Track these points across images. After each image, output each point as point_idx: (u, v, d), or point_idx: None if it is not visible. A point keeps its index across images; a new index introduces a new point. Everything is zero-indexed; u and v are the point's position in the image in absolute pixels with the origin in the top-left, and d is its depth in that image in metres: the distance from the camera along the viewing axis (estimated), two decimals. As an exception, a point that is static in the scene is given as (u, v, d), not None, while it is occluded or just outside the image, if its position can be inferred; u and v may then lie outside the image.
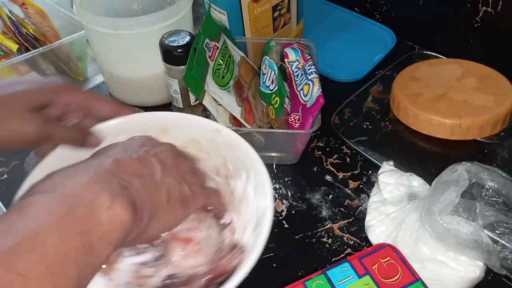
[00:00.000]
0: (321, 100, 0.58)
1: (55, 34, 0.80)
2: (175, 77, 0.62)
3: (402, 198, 0.55)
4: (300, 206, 0.60)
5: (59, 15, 0.82)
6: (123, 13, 0.77)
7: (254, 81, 0.68)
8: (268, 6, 0.72)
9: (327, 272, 0.45)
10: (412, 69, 0.73)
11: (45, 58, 0.77)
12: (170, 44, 0.60)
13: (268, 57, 0.66)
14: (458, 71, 0.70)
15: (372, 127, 0.70)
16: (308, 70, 0.64)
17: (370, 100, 0.74)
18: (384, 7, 0.87)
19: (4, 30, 0.83)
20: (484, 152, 0.64)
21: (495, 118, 0.63)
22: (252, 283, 0.39)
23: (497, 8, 0.71)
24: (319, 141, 0.69)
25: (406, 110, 0.67)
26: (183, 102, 0.65)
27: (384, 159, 0.61)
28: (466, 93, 0.66)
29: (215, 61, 0.61)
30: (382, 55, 0.81)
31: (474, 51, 0.77)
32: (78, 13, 0.69)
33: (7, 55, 0.79)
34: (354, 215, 0.59)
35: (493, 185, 0.51)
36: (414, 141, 0.67)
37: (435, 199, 0.49)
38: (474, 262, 0.48)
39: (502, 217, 0.48)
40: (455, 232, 0.47)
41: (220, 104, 0.61)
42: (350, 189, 0.62)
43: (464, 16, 0.76)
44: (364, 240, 0.56)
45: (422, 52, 0.81)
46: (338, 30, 0.88)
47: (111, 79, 0.76)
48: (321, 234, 0.57)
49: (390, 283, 0.43)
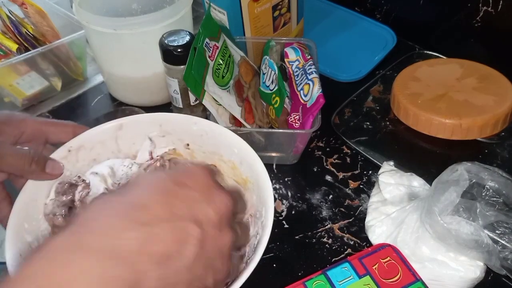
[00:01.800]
0: (321, 100, 0.58)
1: (55, 34, 0.80)
2: (175, 77, 0.62)
3: (403, 198, 0.55)
4: (300, 206, 0.60)
5: (59, 15, 0.82)
6: (123, 13, 0.77)
7: (254, 81, 0.68)
8: (268, 6, 0.72)
9: (327, 272, 0.44)
10: (412, 69, 0.73)
11: (45, 58, 0.77)
12: (170, 44, 0.60)
13: (268, 57, 0.66)
14: (458, 71, 0.70)
15: (372, 127, 0.69)
16: (308, 70, 0.64)
17: (370, 100, 0.74)
18: (384, 7, 0.87)
19: (3, 30, 0.82)
20: (485, 152, 0.64)
21: (495, 118, 0.63)
22: (252, 283, 0.39)
23: (497, 8, 0.71)
24: (319, 141, 0.69)
25: (406, 110, 0.67)
26: (183, 102, 0.65)
27: (384, 159, 0.61)
28: (466, 93, 0.66)
29: (215, 61, 0.61)
30: (382, 55, 0.81)
31: (474, 51, 0.77)
32: (77, 13, 0.69)
33: (6, 55, 0.79)
34: (354, 215, 0.59)
35: (494, 185, 0.51)
36: (414, 141, 0.67)
37: (436, 199, 0.49)
38: (474, 262, 0.48)
39: (503, 217, 0.48)
40: (455, 232, 0.47)
41: (220, 104, 0.61)
42: (350, 189, 0.62)
43: (464, 16, 0.76)
44: (364, 240, 0.56)
45: (422, 52, 0.81)
46: (338, 30, 0.88)
47: (111, 79, 0.76)
48: (321, 234, 0.57)
49: (391, 283, 0.43)
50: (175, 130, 0.53)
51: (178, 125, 0.53)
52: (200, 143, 0.53)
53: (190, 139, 0.53)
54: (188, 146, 0.53)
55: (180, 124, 0.52)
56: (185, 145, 0.54)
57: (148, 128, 0.53)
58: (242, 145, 0.49)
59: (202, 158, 0.53)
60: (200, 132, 0.52)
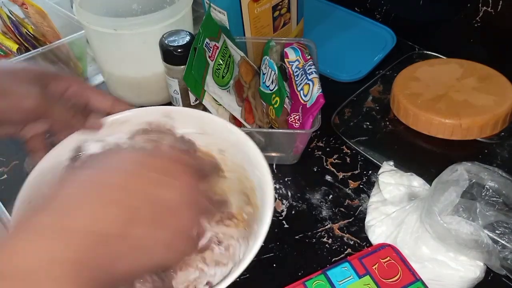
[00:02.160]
0: (321, 100, 0.58)
1: (55, 34, 0.80)
2: (175, 77, 0.62)
3: (402, 198, 0.55)
4: (300, 206, 0.60)
5: (59, 15, 0.82)
6: (123, 13, 0.77)
7: (254, 81, 0.68)
8: (268, 6, 0.72)
9: (327, 272, 0.45)
10: (412, 69, 0.73)
11: (45, 58, 0.77)
12: (170, 44, 0.60)
13: (268, 57, 0.66)
14: (458, 71, 0.70)
15: (372, 127, 0.69)
16: (308, 70, 0.64)
17: (370, 100, 0.74)
18: (384, 7, 0.87)
19: (4, 30, 0.82)
20: (484, 152, 0.64)
21: (495, 118, 0.63)
22: (252, 283, 0.39)
23: (497, 8, 0.71)
24: (319, 141, 0.69)
25: (406, 110, 0.67)
26: (183, 102, 0.65)
27: (384, 159, 0.61)
28: (466, 93, 0.66)
29: (215, 61, 0.61)
30: (382, 55, 0.81)
31: (474, 51, 0.77)
32: (78, 13, 0.69)
33: (7, 55, 0.79)
34: (354, 215, 0.59)
35: (493, 185, 0.51)
36: (414, 141, 0.67)
37: (435, 199, 0.49)
38: (474, 262, 0.48)
39: (502, 217, 0.48)
40: (455, 232, 0.47)
41: (220, 104, 0.61)
42: (350, 189, 0.62)
43: (464, 16, 0.76)
44: (364, 240, 0.56)
45: (422, 52, 0.81)
46: (338, 30, 0.88)
47: (111, 79, 0.76)
48: (321, 234, 0.57)
49: (390, 283, 0.43)
50: (214, 132, 0.51)
51: (217, 128, 0.51)
52: (232, 152, 0.51)
53: (225, 146, 0.51)
54: (222, 152, 0.52)
55: (219, 127, 0.51)
56: (219, 149, 0.52)
57: (190, 122, 0.52)
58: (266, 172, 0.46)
59: (231, 168, 0.51)
60: (235, 142, 0.50)
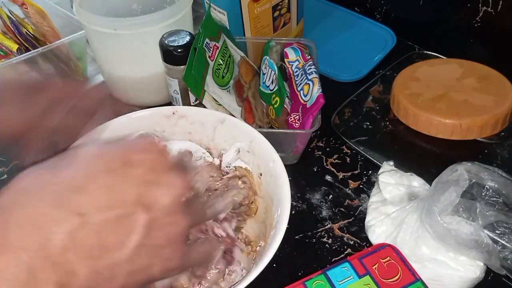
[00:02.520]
0: (321, 100, 0.58)
1: (55, 34, 0.80)
2: (175, 77, 0.62)
3: (402, 198, 0.55)
4: (300, 206, 0.60)
5: (59, 15, 0.82)
6: (123, 13, 0.77)
7: (254, 81, 0.68)
8: (268, 6, 0.72)
9: (327, 272, 0.44)
10: (412, 69, 0.73)
11: (45, 58, 0.77)
12: (170, 44, 0.60)
13: (268, 57, 0.66)
14: (458, 71, 0.70)
15: (372, 127, 0.69)
16: (308, 70, 0.64)
17: (370, 100, 0.74)
18: (384, 7, 0.87)
19: (4, 30, 0.82)
20: (484, 152, 0.64)
21: (495, 118, 0.63)
22: (252, 283, 0.39)
23: (497, 8, 0.71)
24: (319, 141, 0.69)
25: (406, 110, 0.67)
26: (183, 102, 0.65)
27: (384, 159, 0.61)
28: (466, 93, 0.66)
29: (215, 61, 0.61)
30: (382, 55, 0.81)
31: (474, 51, 0.77)
32: (78, 13, 0.69)
33: (7, 55, 0.79)
34: (354, 215, 0.59)
35: (493, 185, 0.51)
36: (414, 141, 0.67)
37: (435, 199, 0.49)
38: (474, 262, 0.48)
39: (502, 217, 0.48)
40: (455, 232, 0.47)
41: (220, 104, 0.61)
42: (350, 189, 0.62)
43: (464, 16, 0.76)
44: (364, 240, 0.56)
45: (422, 52, 0.81)
46: (338, 30, 0.88)
47: (111, 79, 0.76)
48: (321, 234, 0.57)
49: (390, 283, 0.43)
50: (260, 154, 0.51)
51: (264, 151, 0.50)
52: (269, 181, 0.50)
53: (264, 171, 0.51)
54: (260, 176, 0.51)
55: (265, 151, 0.50)
56: (259, 174, 0.51)
57: (241, 136, 0.52)
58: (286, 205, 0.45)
59: (263, 195, 0.51)
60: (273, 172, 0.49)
